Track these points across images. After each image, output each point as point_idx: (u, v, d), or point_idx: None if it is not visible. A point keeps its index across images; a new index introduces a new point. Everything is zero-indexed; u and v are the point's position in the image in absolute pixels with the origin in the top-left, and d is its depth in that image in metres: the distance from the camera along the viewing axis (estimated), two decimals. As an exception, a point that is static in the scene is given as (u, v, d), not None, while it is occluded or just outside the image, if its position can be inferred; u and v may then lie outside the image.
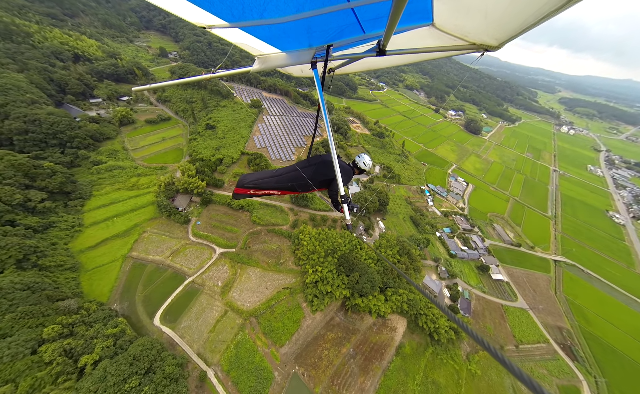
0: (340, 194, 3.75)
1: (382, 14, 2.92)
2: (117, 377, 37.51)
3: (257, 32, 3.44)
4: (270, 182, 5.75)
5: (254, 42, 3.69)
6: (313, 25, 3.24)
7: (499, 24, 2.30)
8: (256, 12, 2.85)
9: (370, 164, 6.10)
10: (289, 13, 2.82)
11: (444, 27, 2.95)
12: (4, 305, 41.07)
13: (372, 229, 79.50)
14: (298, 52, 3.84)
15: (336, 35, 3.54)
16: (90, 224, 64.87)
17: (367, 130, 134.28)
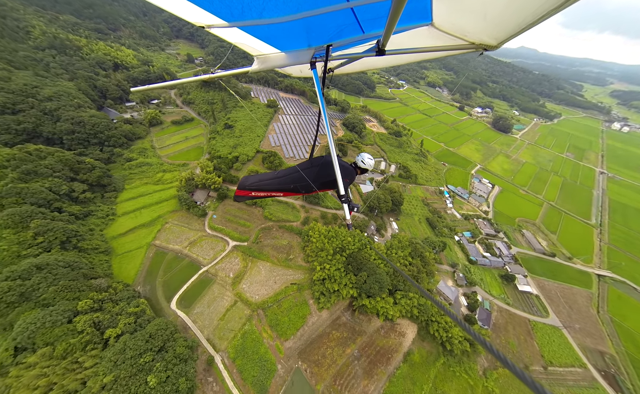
0: (340, 194, 3.72)
1: (382, 13, 2.92)
2: (134, 351, 40.48)
3: (256, 31, 3.43)
4: (272, 183, 5.69)
5: (253, 41, 3.69)
6: (312, 25, 3.24)
7: (497, 23, 2.29)
8: (255, 11, 2.84)
9: (370, 163, 5.86)
10: (288, 13, 2.81)
11: (443, 27, 2.95)
12: (49, 278, 46.51)
13: (384, 229, 76.97)
14: (297, 52, 3.85)
15: (335, 35, 3.53)
16: (121, 214, 71.06)
17: (384, 129, 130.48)
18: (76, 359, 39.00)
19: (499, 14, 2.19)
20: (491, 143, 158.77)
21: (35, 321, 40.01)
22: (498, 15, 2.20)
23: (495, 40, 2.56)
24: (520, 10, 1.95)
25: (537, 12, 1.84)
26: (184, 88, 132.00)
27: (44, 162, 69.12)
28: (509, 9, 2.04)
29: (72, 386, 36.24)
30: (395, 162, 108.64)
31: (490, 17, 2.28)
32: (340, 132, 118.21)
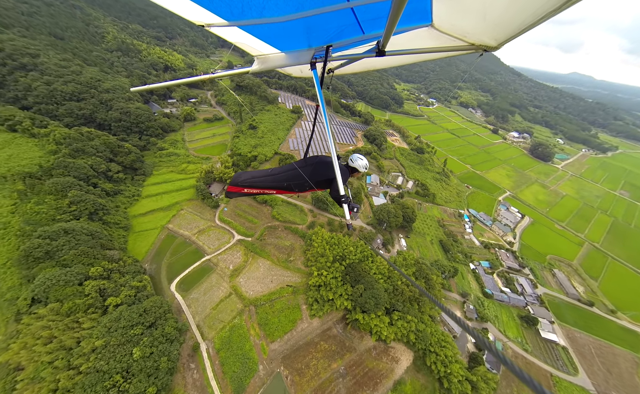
0: (340, 194, 3.60)
1: (382, 14, 2.86)
2: (127, 322, 42.11)
3: (257, 31, 3.40)
4: (265, 180, 5.57)
5: (253, 41, 3.64)
6: (312, 25, 3.21)
7: (497, 24, 2.27)
8: (255, 10, 2.80)
9: (360, 163, 5.74)
10: (288, 12, 2.78)
11: (443, 28, 2.92)
12: (72, 242, 51.20)
13: (391, 245, 72.39)
14: (297, 53, 3.80)
15: (335, 35, 3.49)
16: (145, 196, 76.77)
17: (406, 145, 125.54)
18: (77, 319, 41.66)
19: (499, 15, 2.14)
20: (526, 171, 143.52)
21: (52, 278, 43.86)
22: (498, 16, 2.16)
23: (495, 41, 2.51)
24: (520, 11, 1.92)
25: (537, 13, 1.81)
26: (218, 90, 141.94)
27: (91, 142, 77.97)
28: (509, 10, 2.00)
29: (68, 342, 38.54)
30: (413, 179, 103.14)
31: (490, 18, 2.24)
32: (360, 143, 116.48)
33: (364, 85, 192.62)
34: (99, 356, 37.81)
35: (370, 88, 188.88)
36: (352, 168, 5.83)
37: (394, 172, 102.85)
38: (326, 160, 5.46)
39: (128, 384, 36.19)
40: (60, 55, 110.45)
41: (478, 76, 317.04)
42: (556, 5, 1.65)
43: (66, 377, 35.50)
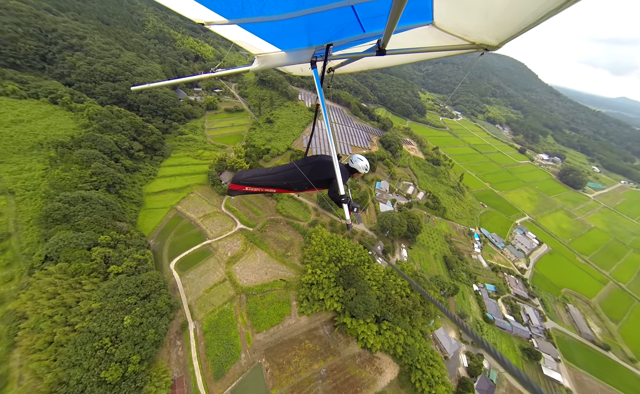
0: (340, 194, 3.54)
1: (382, 12, 2.85)
2: (124, 290, 43.98)
3: (257, 29, 3.38)
4: (265, 179, 5.63)
5: (254, 40, 3.63)
6: (313, 23, 3.18)
7: (499, 23, 2.24)
8: (255, 8, 2.77)
9: (360, 164, 5.63)
10: (288, 10, 2.75)
11: (444, 27, 2.87)
12: (87, 210, 54.55)
13: (391, 253, 69.65)
14: (298, 51, 3.78)
15: (336, 34, 3.46)
16: (160, 176, 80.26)
17: (422, 155, 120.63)
18: (80, 280, 44.17)
19: (500, 14, 2.10)
20: (551, 196, 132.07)
21: (65, 239, 46.90)
22: (499, 15, 2.11)
23: (496, 40, 2.47)
24: (521, 10, 1.88)
25: (539, 12, 1.79)
26: (242, 82, 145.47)
27: (119, 120, 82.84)
28: (511, 9, 1.96)
29: (69, 300, 40.94)
30: (425, 190, 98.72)
31: (491, 16, 2.20)
32: (374, 147, 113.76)
33: (387, 91, 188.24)
34: (94, 318, 39.75)
35: (393, 95, 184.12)
36: (352, 168, 5.69)
37: (405, 181, 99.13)
38: (326, 159, 5.42)
39: (115, 348, 37.66)
40: (104, 39, 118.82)
41: (510, 92, 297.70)
42: (557, 5, 1.64)
43: (62, 332, 37.68)
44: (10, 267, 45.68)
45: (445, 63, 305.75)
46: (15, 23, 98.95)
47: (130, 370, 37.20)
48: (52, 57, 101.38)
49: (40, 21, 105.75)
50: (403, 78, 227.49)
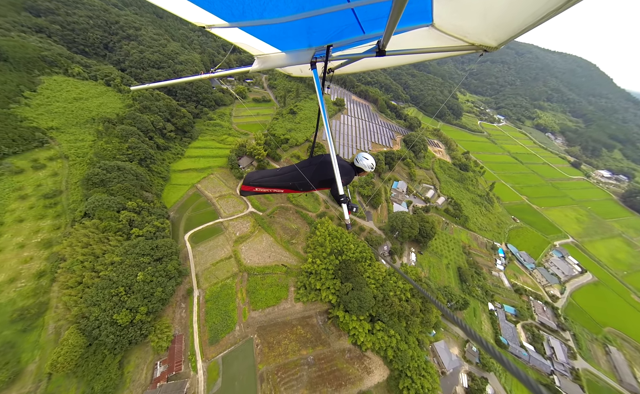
0: (339, 194, 3.65)
1: (382, 14, 2.90)
2: (141, 250, 50.00)
3: (257, 31, 3.41)
4: (272, 180, 5.79)
5: (254, 41, 3.68)
6: (313, 25, 3.21)
7: (498, 24, 2.29)
8: (256, 12, 2.83)
9: (365, 162, 5.55)
10: (289, 13, 2.80)
11: (444, 28, 2.93)
12: (120, 177, 62.58)
13: (398, 255, 67.36)
14: (298, 52, 3.83)
15: (336, 35, 3.49)
16: (186, 156, 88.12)
17: (449, 158, 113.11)
18: (108, 237, 51.28)
19: (499, 16, 2.13)
20: (607, 220, 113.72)
21: (100, 200, 54.70)
22: (499, 16, 2.14)
23: (495, 41, 2.49)
24: (520, 12, 1.90)
25: (538, 14, 1.79)
26: (272, 74, 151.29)
27: (157, 103, 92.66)
28: (510, 11, 1.98)
29: (97, 251, 47.96)
30: (446, 195, 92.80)
31: (490, 18, 2.22)
32: (396, 146, 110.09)
33: (421, 90, 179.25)
34: (114, 269, 46.02)
35: (427, 94, 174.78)
36: (357, 168, 5.69)
37: (425, 184, 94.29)
38: (329, 160, 5.30)
39: (127, 297, 43.23)
40: (155, 30, 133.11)
41: (572, 96, 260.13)
42: (556, 6, 1.64)
43: (88, 276, 44.43)
44: (59, 218, 54.86)
45: (493, 62, 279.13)
46: (88, 16, 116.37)
47: (138, 318, 42.44)
48: (112, 46, 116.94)
49: (107, 14, 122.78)
50: (442, 77, 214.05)
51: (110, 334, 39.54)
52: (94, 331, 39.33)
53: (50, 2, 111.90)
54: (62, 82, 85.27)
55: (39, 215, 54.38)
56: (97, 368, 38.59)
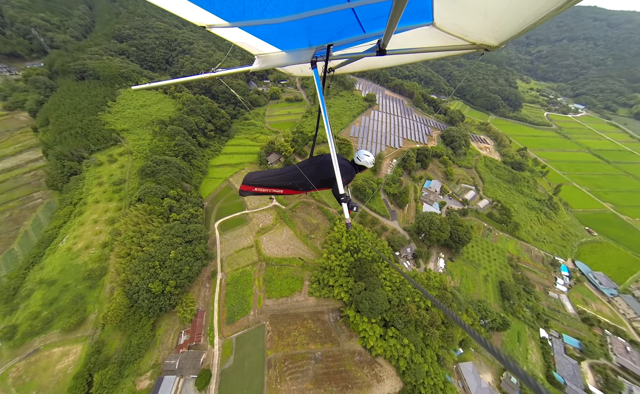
0: (339, 193, 3.72)
1: (383, 13, 2.94)
2: (175, 232, 57.98)
3: (257, 31, 3.43)
4: (272, 180, 5.74)
5: (254, 41, 3.72)
6: (313, 24, 3.24)
7: (498, 23, 2.33)
8: (256, 11, 2.86)
9: (367, 159, 5.54)
10: (289, 13, 2.82)
11: (444, 27, 2.98)
12: (166, 170, 73.37)
13: (424, 260, 62.11)
14: (298, 52, 3.88)
15: (336, 34, 3.55)
16: (223, 153, 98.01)
17: (499, 156, 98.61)
18: (152, 218, 60.90)
19: (500, 15, 2.18)
20: None
21: (149, 188, 65.26)
22: (499, 16, 2.19)
23: (496, 40, 2.56)
24: (521, 11, 1.95)
25: (538, 13, 1.85)
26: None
27: (201, 106, 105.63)
28: (510, 10, 2.03)
29: (143, 229, 57.50)
30: (491, 198, 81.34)
31: (491, 17, 2.27)
32: (432, 142, 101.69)
33: (468, 81, 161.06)
34: (153, 245, 54.45)
35: (476, 85, 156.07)
36: (359, 166, 5.65)
37: (465, 184, 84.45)
38: (330, 159, 5.39)
39: (161, 270, 50.68)
40: (205, 43, 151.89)
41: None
42: (557, 5, 1.68)
43: (135, 249, 53.64)
44: (121, 201, 67.54)
45: (572, 39, 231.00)
46: (155, 37, 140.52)
47: (167, 290, 49.33)
48: (171, 60, 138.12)
49: (169, 34, 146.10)
50: (498, 64, 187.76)
51: (146, 300, 46.94)
52: (134, 295, 47.29)
53: (130, 30, 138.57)
54: (133, 93, 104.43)
55: (109, 198, 67.97)
56: (135, 326, 46.28)
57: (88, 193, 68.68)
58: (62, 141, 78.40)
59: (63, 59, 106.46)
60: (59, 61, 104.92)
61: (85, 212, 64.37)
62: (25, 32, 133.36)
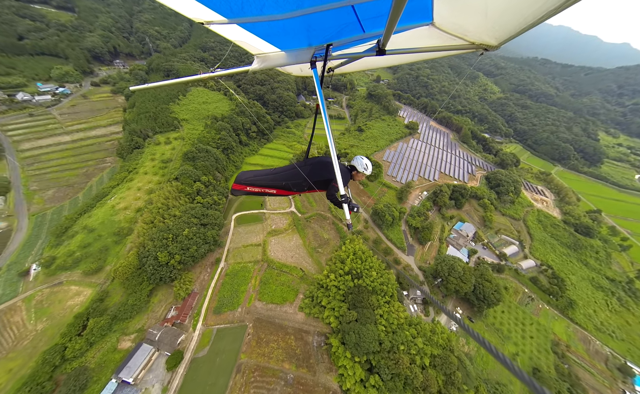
0: (340, 194, 3.65)
1: (382, 12, 2.90)
2: (195, 212, 61.80)
3: (257, 29, 3.34)
4: (265, 179, 5.60)
5: (253, 40, 3.61)
6: (313, 23, 3.17)
7: (498, 23, 2.29)
8: (255, 7, 2.77)
9: (364, 164, 5.47)
10: (288, 9, 2.73)
11: (444, 27, 2.96)
12: (205, 158, 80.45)
13: (435, 310, 52.51)
14: (297, 51, 3.82)
15: (336, 34, 3.51)
16: (259, 153, 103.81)
17: (558, 213, 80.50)
18: (180, 196, 66.32)
19: (500, 14, 2.16)
20: None
21: (186, 170, 71.96)
22: (499, 15, 2.17)
23: (495, 40, 2.54)
24: (521, 10, 1.93)
25: (538, 12, 1.83)
26: (352, 95, 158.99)
27: (250, 109, 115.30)
28: (510, 9, 2.01)
29: (170, 204, 62.78)
30: (539, 260, 65.82)
31: (491, 17, 2.26)
32: (473, 182, 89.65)
33: (534, 124, 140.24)
34: (172, 220, 58.69)
35: (543, 130, 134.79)
36: (352, 168, 5.59)
37: (506, 236, 70.61)
38: (325, 160, 5.39)
39: (171, 244, 53.80)
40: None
41: None
42: (557, 5, 1.67)
43: (158, 219, 58.59)
44: (163, 177, 75.82)
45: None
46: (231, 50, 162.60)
47: (171, 263, 51.78)
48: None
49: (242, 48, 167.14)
50: (576, 112, 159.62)
51: (151, 266, 49.95)
52: (144, 259, 50.86)
53: (213, 43, 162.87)
54: (201, 91, 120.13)
55: (155, 172, 77.15)
56: (136, 288, 49.35)
57: (141, 165, 79.21)
58: (138, 121, 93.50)
59: (159, 60, 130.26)
60: (156, 61, 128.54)
61: (134, 180, 73.98)
62: (141, 39, 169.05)
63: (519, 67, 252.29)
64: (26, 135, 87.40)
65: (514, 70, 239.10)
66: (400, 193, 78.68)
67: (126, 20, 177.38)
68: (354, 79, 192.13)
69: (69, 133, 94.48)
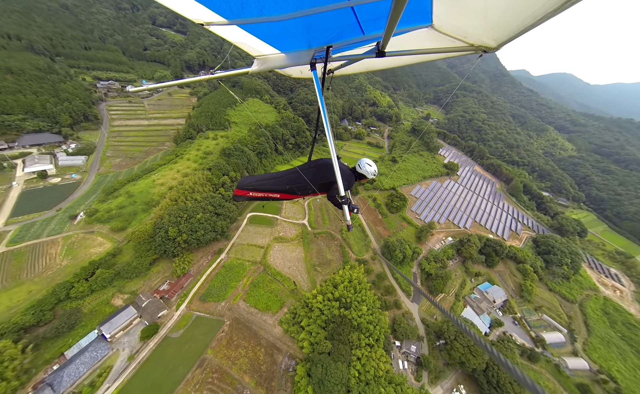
0: (340, 195, 3.57)
1: (382, 14, 2.90)
2: (213, 201, 65.81)
3: (256, 30, 3.32)
4: (268, 184, 5.38)
5: (253, 41, 3.57)
6: (313, 25, 3.16)
7: (497, 24, 2.28)
8: (255, 8, 2.74)
9: (372, 171, 5.35)
10: (288, 10, 2.71)
11: (443, 29, 2.94)
12: (239, 157, 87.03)
13: (429, 374, 42.33)
14: (297, 53, 3.76)
15: (336, 36, 3.44)
16: (290, 163, 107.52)
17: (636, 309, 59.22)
18: (206, 184, 72.01)
19: (499, 16, 2.16)
20: None
21: (219, 163, 78.60)
22: (498, 17, 2.17)
23: (495, 41, 2.51)
24: (520, 12, 1.93)
25: (537, 14, 1.83)
26: (395, 127, 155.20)
27: (293, 123, 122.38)
28: (509, 11, 2.02)
29: (196, 189, 68.50)
30: (597, 364, 48.19)
31: (490, 18, 2.25)
32: (515, 242, 74.48)
33: (618, 193, 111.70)
34: (192, 202, 63.43)
35: (631, 203, 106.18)
36: (359, 174, 5.44)
37: (549, 317, 54.50)
38: (329, 163, 5.25)
39: (183, 222, 57.63)
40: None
41: None
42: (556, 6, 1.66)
43: (181, 199, 64.14)
44: (201, 165, 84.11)
45: None
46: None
47: (178, 240, 55.07)
48: (294, 89, 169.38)
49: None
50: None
51: (159, 237, 53.92)
52: (156, 230, 55.39)
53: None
54: (256, 101, 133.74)
55: (194, 160, 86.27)
56: (142, 253, 53.52)
57: (187, 153, 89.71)
58: (198, 117, 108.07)
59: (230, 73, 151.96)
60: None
61: (178, 163, 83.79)
62: (224, 56, 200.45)
63: (605, 126, 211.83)
64: (120, 116, 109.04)
65: (597, 130, 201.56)
66: (420, 231, 70.04)
67: (219, 43, 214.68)
68: (402, 114, 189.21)
69: (148, 119, 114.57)
